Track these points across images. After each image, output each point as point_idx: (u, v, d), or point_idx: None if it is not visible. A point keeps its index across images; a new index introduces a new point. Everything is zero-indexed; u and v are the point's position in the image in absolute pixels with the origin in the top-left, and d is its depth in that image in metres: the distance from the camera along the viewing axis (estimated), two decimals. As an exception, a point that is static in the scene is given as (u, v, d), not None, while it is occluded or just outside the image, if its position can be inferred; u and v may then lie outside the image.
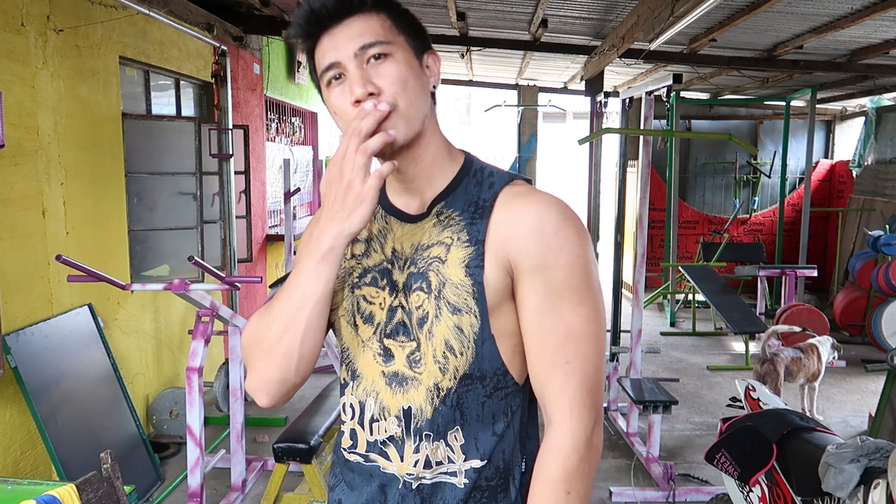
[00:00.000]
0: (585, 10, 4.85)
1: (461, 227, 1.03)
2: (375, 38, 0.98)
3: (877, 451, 1.91)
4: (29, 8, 3.06)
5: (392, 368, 1.06)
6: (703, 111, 8.91)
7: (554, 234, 0.98)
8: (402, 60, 1.00)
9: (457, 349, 1.02)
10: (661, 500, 3.43)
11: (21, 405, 3.00)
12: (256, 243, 5.84)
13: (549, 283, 0.99)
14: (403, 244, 1.07)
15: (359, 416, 1.09)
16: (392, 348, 1.06)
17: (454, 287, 1.01)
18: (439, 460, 1.04)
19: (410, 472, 1.05)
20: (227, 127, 4.54)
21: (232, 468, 3.45)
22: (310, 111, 8.05)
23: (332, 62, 0.99)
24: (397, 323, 1.05)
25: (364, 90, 0.96)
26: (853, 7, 4.22)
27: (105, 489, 1.85)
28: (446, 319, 1.02)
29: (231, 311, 3.29)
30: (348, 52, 0.98)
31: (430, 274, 1.03)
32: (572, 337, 0.99)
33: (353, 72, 0.98)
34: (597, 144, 5.50)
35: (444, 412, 1.03)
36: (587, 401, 1.00)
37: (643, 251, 4.21)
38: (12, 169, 2.97)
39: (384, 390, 1.06)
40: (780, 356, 4.25)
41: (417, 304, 1.04)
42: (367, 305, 1.08)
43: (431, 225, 1.05)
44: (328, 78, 1.00)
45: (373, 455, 1.09)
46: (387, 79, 0.97)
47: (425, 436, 1.04)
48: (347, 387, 1.12)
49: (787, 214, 8.33)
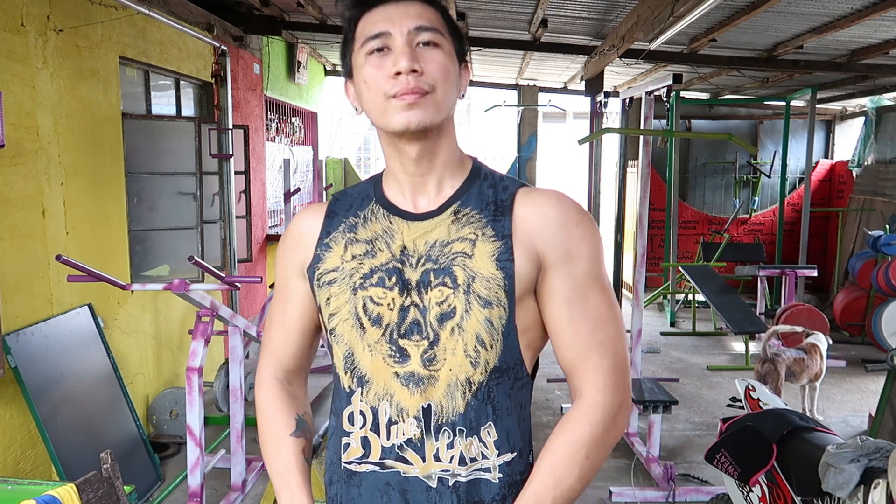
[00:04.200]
0: (585, 10, 4.85)
1: (483, 223, 1.06)
2: (431, 24, 1.02)
3: (877, 451, 1.91)
4: (29, 8, 3.06)
5: (408, 369, 1.04)
6: (703, 111, 8.91)
7: (576, 227, 1.05)
8: (447, 54, 1.04)
9: (487, 342, 1.03)
10: (661, 500, 3.43)
11: (21, 405, 3.00)
12: (256, 243, 5.85)
13: (574, 272, 1.05)
14: (416, 242, 1.06)
15: (371, 422, 1.06)
16: (407, 348, 1.04)
17: (485, 281, 1.03)
18: (473, 456, 1.05)
19: (446, 469, 1.04)
20: (227, 127, 4.54)
21: (232, 468, 3.45)
22: (310, 111, 8.05)
23: (382, 31, 1.01)
24: (411, 322, 1.04)
25: (409, 64, 0.98)
26: (853, 7, 4.22)
27: (105, 489, 1.85)
28: (476, 313, 1.03)
29: (231, 311, 3.29)
30: (403, 28, 1.01)
31: (454, 269, 1.03)
32: (601, 321, 1.06)
33: (401, 46, 1.00)
34: (597, 144, 5.50)
35: (476, 406, 1.04)
36: (619, 379, 1.05)
37: (643, 251, 4.21)
38: (12, 169, 2.97)
39: (400, 391, 1.04)
40: (782, 357, 4.24)
41: (440, 300, 1.03)
42: (374, 307, 1.05)
43: (449, 222, 1.07)
44: (370, 47, 1.02)
45: (390, 461, 1.05)
46: (432, 64, 1.01)
47: (458, 431, 1.04)
48: (354, 394, 1.07)
49: (787, 214, 8.33)
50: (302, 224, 1.16)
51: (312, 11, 5.30)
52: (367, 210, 1.11)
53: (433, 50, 1.02)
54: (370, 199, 1.13)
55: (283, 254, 1.18)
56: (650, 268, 7.00)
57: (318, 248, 1.12)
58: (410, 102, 0.99)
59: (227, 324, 3.37)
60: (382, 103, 1.02)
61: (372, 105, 1.04)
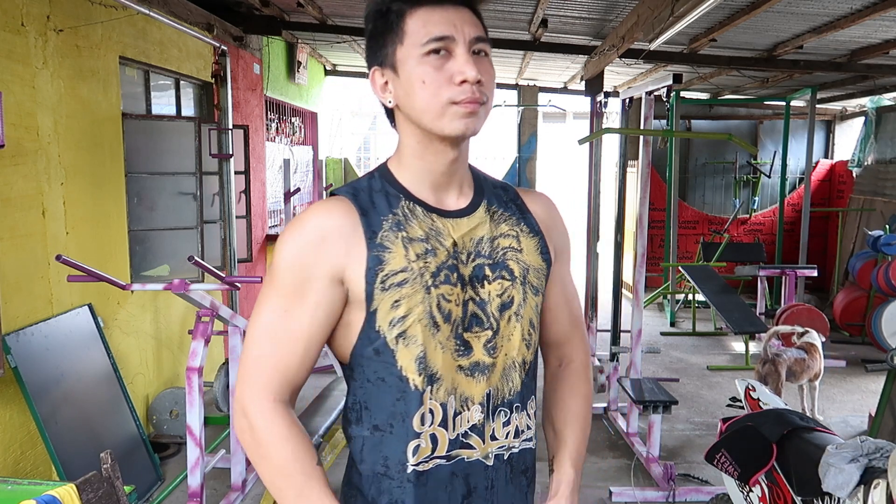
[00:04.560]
0: (585, 10, 4.85)
1: (515, 220, 1.17)
2: (485, 36, 1.07)
3: (877, 451, 1.91)
4: (29, 8, 3.06)
5: (472, 360, 1.09)
6: (703, 111, 8.91)
7: (564, 224, 1.27)
8: (491, 64, 1.09)
9: (536, 326, 1.17)
10: (661, 500, 3.43)
11: (21, 405, 3.00)
12: (256, 243, 5.85)
13: (565, 260, 1.26)
14: (464, 239, 1.10)
15: (440, 418, 1.07)
16: (470, 341, 1.09)
17: (536, 272, 1.16)
18: (522, 429, 1.15)
19: (502, 445, 1.13)
20: (227, 127, 4.54)
21: (232, 468, 3.45)
22: (310, 111, 8.05)
23: (446, 35, 1.03)
24: (472, 315, 1.09)
25: (476, 75, 1.02)
26: (853, 7, 4.22)
27: (105, 489, 1.85)
28: (530, 301, 1.15)
29: (231, 311, 3.29)
30: (466, 35, 1.03)
31: (509, 263, 1.13)
32: (576, 297, 1.31)
33: (464, 54, 1.03)
34: (597, 144, 5.49)
35: (527, 383, 1.15)
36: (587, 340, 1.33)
37: (643, 251, 4.21)
38: (12, 169, 2.97)
39: (464, 383, 1.08)
40: (783, 357, 4.24)
41: (499, 292, 1.11)
42: (445, 304, 1.07)
43: (487, 219, 1.14)
44: (431, 48, 1.03)
45: (454, 451, 1.09)
46: (487, 75, 1.05)
47: (515, 408, 1.14)
48: (424, 394, 1.06)
49: (787, 214, 8.33)
50: (324, 222, 1.05)
51: (312, 11, 5.30)
52: (402, 207, 1.09)
53: (484, 60, 1.06)
54: (396, 196, 1.10)
55: (299, 256, 1.05)
56: (650, 268, 7.01)
57: (373, 249, 1.05)
58: (471, 111, 1.03)
59: (227, 324, 3.37)
60: (442, 107, 1.03)
61: (426, 105, 1.04)
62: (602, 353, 5.31)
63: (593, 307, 5.75)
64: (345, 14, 5.50)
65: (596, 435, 4.25)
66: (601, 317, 6.19)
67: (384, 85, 1.08)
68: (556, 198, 1.34)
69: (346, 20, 5.73)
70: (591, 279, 5.75)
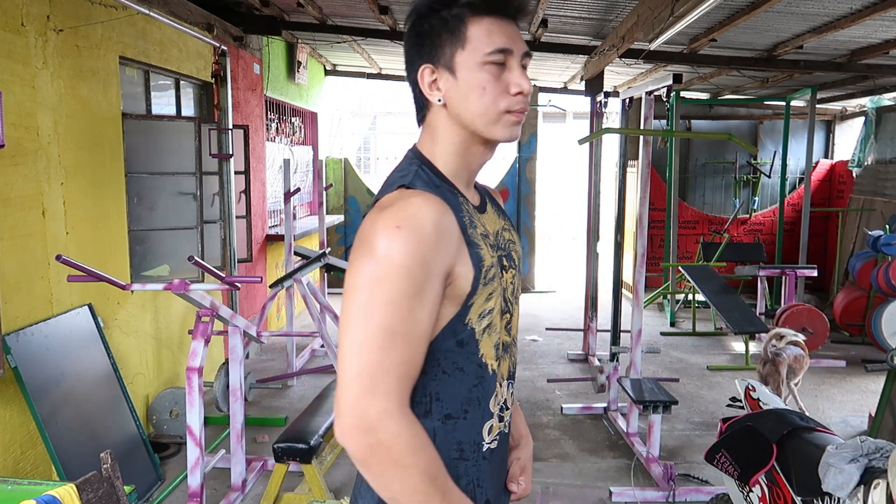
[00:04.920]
0: (585, 10, 4.85)
1: (503, 214, 1.29)
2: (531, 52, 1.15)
3: (877, 451, 1.91)
4: (29, 8, 3.06)
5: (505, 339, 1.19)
6: (703, 111, 8.91)
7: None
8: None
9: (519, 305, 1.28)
10: (661, 500, 3.43)
11: (21, 405, 3.00)
12: (256, 243, 5.85)
13: None
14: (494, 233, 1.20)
15: (502, 402, 1.19)
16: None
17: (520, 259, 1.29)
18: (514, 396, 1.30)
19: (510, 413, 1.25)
20: (227, 127, 4.54)
21: (232, 468, 3.45)
22: (310, 111, 8.05)
23: (508, 48, 1.10)
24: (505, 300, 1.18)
25: (530, 88, 1.12)
26: (853, 7, 4.22)
27: (105, 489, 1.85)
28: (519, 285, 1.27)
29: (231, 311, 3.29)
30: (520, 50, 1.12)
31: (512, 254, 1.23)
32: None
33: (518, 67, 1.12)
34: (597, 144, 5.49)
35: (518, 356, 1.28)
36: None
37: (643, 251, 4.21)
38: (12, 169, 2.97)
39: (501, 363, 1.18)
40: (783, 356, 4.24)
41: (512, 279, 1.21)
42: (508, 294, 1.19)
43: (496, 214, 1.25)
44: (494, 58, 1.09)
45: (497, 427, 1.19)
46: (530, 86, 1.13)
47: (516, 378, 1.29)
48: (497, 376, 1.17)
49: (787, 214, 8.33)
50: (442, 218, 1.04)
51: (312, 11, 5.30)
52: (462, 203, 1.13)
53: (526, 73, 1.14)
54: (453, 193, 1.13)
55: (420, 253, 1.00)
56: (650, 268, 7.01)
57: (473, 246, 1.09)
58: (519, 120, 1.13)
59: (227, 324, 3.37)
60: (498, 114, 1.11)
61: (483, 110, 1.10)
62: (602, 353, 5.31)
63: (593, 307, 5.75)
64: (345, 14, 5.50)
65: (596, 435, 4.25)
66: (601, 317, 6.19)
67: (433, 83, 1.12)
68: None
69: (346, 20, 5.73)
70: (592, 279, 5.75)
